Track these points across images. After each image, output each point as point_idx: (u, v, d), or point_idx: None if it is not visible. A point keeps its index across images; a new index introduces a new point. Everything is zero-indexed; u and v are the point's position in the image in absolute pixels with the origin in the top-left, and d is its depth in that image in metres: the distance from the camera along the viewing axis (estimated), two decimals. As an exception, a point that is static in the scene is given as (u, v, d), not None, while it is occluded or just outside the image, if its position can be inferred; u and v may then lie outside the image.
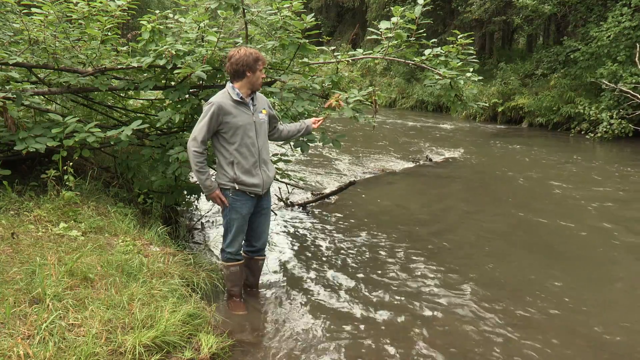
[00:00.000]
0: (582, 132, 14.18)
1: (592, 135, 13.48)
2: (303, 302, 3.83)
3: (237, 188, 3.42)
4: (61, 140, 3.96)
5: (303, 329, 3.41)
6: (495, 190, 7.94)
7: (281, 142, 4.56)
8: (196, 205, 5.76)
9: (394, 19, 4.41)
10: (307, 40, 4.48)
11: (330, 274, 4.42)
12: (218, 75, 4.53)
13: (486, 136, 14.86)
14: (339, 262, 4.70)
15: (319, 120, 3.95)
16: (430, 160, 10.41)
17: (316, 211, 6.46)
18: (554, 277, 4.40)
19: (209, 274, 3.78)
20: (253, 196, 3.51)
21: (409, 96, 24.06)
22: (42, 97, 4.93)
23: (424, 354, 3.15)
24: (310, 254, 4.90)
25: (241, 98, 3.38)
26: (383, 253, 4.95)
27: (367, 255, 4.88)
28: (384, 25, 4.51)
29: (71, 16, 4.53)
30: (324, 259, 4.79)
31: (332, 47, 4.89)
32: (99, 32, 4.37)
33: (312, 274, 4.39)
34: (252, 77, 3.37)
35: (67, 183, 4.08)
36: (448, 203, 7.14)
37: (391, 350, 3.18)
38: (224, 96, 3.39)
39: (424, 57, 4.64)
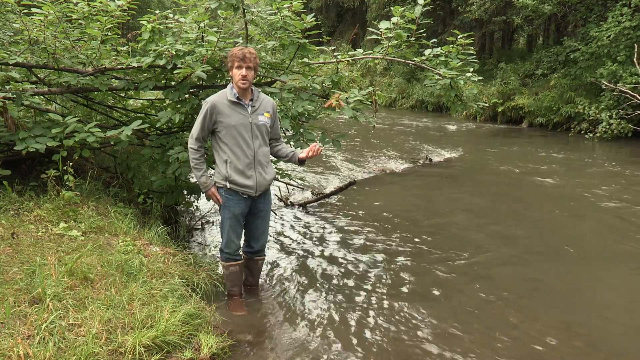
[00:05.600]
0: (582, 132, 14.20)
1: (592, 135, 13.49)
2: (303, 302, 3.83)
3: (228, 187, 3.43)
4: (61, 140, 3.96)
5: (303, 329, 3.41)
6: (494, 191, 7.94)
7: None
8: (196, 205, 5.76)
9: (394, 19, 4.41)
10: (307, 40, 4.48)
11: (330, 273, 4.42)
12: (218, 75, 4.54)
13: (486, 136, 14.86)
14: (339, 261, 4.70)
15: (307, 153, 3.52)
16: (430, 160, 10.41)
17: (316, 211, 6.46)
18: (553, 276, 4.40)
19: (209, 274, 3.78)
20: (246, 197, 3.50)
21: (409, 96, 24.06)
22: (42, 97, 4.93)
23: (425, 352, 3.15)
24: (310, 254, 4.90)
25: (237, 98, 3.40)
26: (383, 253, 4.95)
27: (367, 255, 4.88)
28: (384, 25, 4.51)
29: (71, 16, 4.53)
30: (324, 258, 4.79)
31: (332, 47, 4.89)
32: (99, 32, 4.36)
33: (312, 274, 4.39)
34: (232, 76, 3.40)
35: (67, 183, 4.08)
36: (448, 203, 7.14)
37: (392, 349, 3.18)
38: (221, 96, 3.43)
39: (424, 57, 4.64)
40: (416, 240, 5.38)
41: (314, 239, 5.38)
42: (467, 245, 5.22)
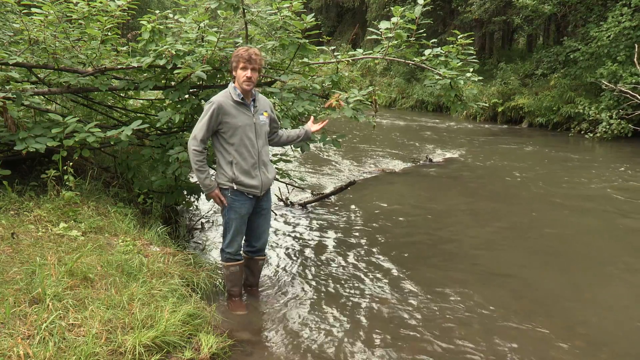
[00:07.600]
0: (582, 132, 14.19)
1: (592, 135, 13.48)
2: (303, 302, 3.83)
3: (235, 188, 3.43)
4: (61, 140, 3.96)
5: (303, 329, 3.41)
6: (494, 190, 7.94)
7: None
8: (196, 205, 5.76)
9: (394, 19, 4.41)
10: (307, 40, 4.48)
11: (330, 273, 4.42)
12: (218, 75, 4.54)
13: (486, 136, 14.86)
14: (339, 262, 4.70)
15: (319, 124, 3.89)
16: (430, 160, 10.41)
17: (316, 211, 6.46)
18: (553, 276, 4.40)
19: (209, 274, 3.78)
20: (252, 197, 3.51)
21: (409, 96, 24.06)
22: (42, 97, 4.93)
23: (423, 352, 3.15)
24: (310, 254, 4.90)
25: (241, 99, 3.40)
26: (383, 253, 4.95)
27: (367, 255, 4.88)
28: (384, 25, 4.50)
29: (71, 16, 4.53)
30: (323, 258, 4.79)
31: (332, 47, 4.89)
32: (99, 32, 4.36)
33: (312, 274, 4.39)
34: (236, 76, 3.40)
35: (67, 183, 4.08)
36: (448, 203, 7.14)
37: (392, 349, 3.18)
38: (225, 96, 3.41)
39: (424, 57, 4.64)
40: (416, 240, 5.38)
41: (314, 238, 5.38)
42: (466, 246, 5.22)
